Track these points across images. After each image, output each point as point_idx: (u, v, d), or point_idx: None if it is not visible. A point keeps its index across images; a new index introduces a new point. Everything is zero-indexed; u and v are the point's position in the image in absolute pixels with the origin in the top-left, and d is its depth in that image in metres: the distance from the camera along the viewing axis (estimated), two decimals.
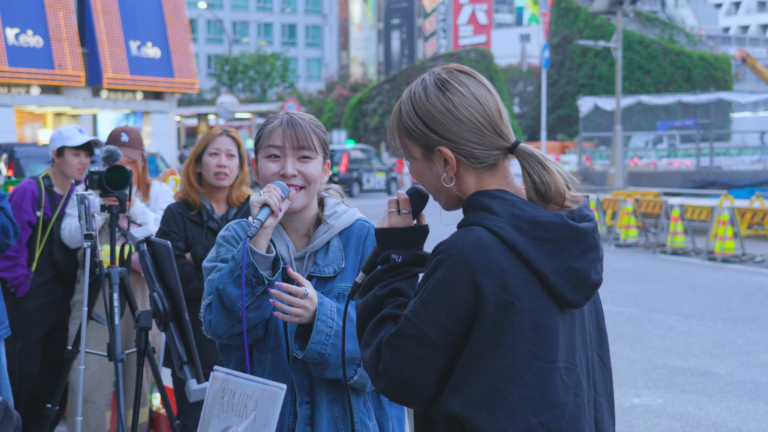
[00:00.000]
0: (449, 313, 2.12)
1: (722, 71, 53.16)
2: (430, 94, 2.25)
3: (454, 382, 2.15)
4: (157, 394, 5.93)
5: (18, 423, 4.52)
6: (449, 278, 2.12)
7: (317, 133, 3.01)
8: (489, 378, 2.13)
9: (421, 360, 2.14)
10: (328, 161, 3.08)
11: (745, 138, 36.94)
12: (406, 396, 2.19)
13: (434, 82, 2.26)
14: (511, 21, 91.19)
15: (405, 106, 2.28)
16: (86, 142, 5.67)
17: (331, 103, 64.68)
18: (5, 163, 18.52)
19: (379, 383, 2.20)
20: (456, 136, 2.22)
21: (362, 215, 3.09)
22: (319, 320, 2.82)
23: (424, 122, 2.24)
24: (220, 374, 2.62)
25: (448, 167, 2.24)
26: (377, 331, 2.22)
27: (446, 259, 2.13)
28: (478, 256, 2.12)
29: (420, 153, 2.27)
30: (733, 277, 14.68)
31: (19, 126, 32.59)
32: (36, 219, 5.74)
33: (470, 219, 2.20)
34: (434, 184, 2.29)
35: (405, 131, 2.28)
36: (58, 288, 5.83)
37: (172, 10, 34.83)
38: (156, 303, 2.92)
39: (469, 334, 2.13)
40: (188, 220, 4.97)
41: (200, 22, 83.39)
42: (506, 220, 2.16)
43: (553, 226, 2.17)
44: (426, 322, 2.13)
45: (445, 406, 2.16)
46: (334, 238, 3.00)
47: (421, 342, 2.13)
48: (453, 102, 2.23)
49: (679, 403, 7.64)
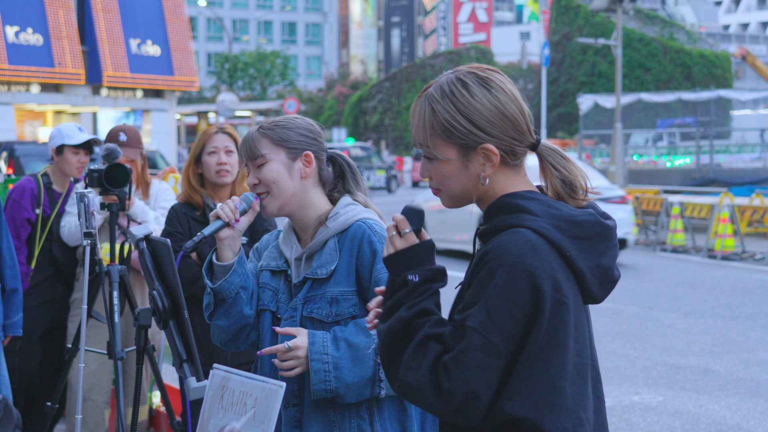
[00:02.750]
0: (511, 317, 2.12)
1: (722, 69, 53.12)
2: (475, 92, 2.23)
3: (513, 386, 2.15)
4: (157, 392, 5.93)
5: (18, 421, 4.52)
6: (509, 283, 2.11)
7: (269, 135, 3.00)
8: (548, 378, 2.15)
9: (487, 370, 2.12)
10: (306, 152, 3.01)
11: (745, 135, 36.93)
12: (470, 411, 2.15)
13: (476, 80, 2.24)
14: (511, 19, 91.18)
15: (441, 105, 2.24)
16: (86, 141, 5.67)
17: (331, 101, 64.69)
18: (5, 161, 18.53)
19: (441, 404, 2.14)
20: (502, 133, 2.23)
21: (371, 216, 3.01)
22: (312, 360, 2.83)
23: (471, 120, 2.22)
24: (220, 372, 2.62)
25: (487, 166, 2.24)
26: (423, 353, 2.16)
27: (503, 265, 2.12)
28: (533, 258, 2.13)
29: (456, 153, 2.24)
30: (733, 275, 14.68)
31: (19, 124, 32.59)
32: (35, 216, 5.74)
33: (509, 221, 2.20)
34: (466, 185, 2.26)
35: (442, 131, 2.23)
36: (58, 286, 5.83)
37: (172, 8, 34.81)
38: (155, 301, 2.92)
39: (525, 337, 2.14)
40: (193, 219, 4.96)
41: (200, 20, 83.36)
42: (546, 220, 2.19)
43: (588, 225, 2.22)
44: (491, 330, 2.11)
45: (503, 412, 2.15)
46: (330, 239, 2.96)
47: (488, 351, 2.12)
48: (499, 99, 2.24)
49: (679, 400, 7.64)
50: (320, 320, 2.91)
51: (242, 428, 2.48)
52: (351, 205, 3.02)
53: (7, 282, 4.89)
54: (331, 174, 3.11)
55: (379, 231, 2.94)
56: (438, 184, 2.29)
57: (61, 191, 5.83)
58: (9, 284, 4.90)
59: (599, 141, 37.71)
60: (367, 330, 2.82)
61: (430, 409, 2.17)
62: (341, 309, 2.91)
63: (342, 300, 2.91)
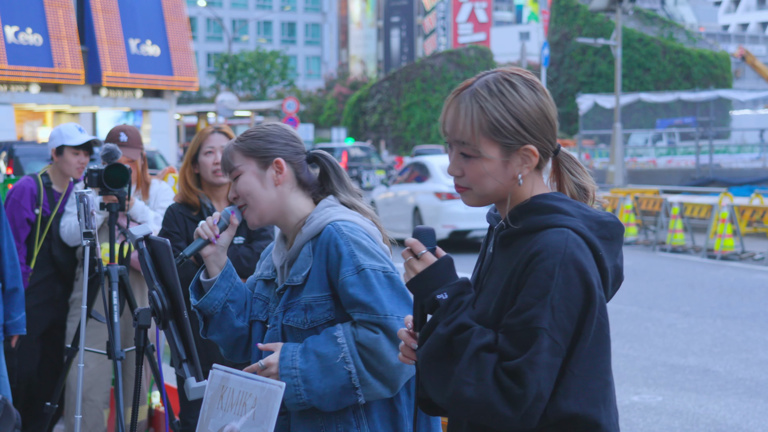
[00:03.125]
0: (569, 315, 2.15)
1: (722, 69, 53.13)
2: (523, 93, 2.25)
3: (568, 384, 2.17)
4: (156, 392, 5.93)
5: (17, 421, 4.52)
6: (565, 281, 2.14)
7: (240, 147, 3.01)
8: (600, 373, 2.21)
9: (552, 370, 2.14)
10: (276, 159, 2.98)
11: (745, 136, 36.93)
12: (535, 414, 2.14)
13: (522, 81, 2.26)
14: (510, 19, 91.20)
15: (490, 103, 2.23)
16: (86, 142, 5.67)
17: (331, 101, 64.67)
18: (5, 161, 18.53)
19: (511, 411, 2.12)
20: (543, 136, 2.26)
21: (345, 218, 2.92)
22: (282, 376, 2.83)
23: (519, 121, 2.23)
24: (219, 372, 2.62)
25: (524, 167, 2.26)
26: (479, 365, 2.13)
27: (560, 263, 2.14)
28: (581, 255, 2.17)
29: (499, 152, 2.24)
30: (733, 275, 14.68)
31: (19, 124, 32.60)
32: (35, 216, 5.74)
33: (545, 221, 2.22)
34: (502, 184, 2.27)
35: (491, 129, 2.23)
36: (57, 286, 5.83)
37: (172, 8, 34.81)
38: (155, 301, 2.92)
39: (577, 335, 2.16)
40: (189, 220, 4.96)
41: (200, 20, 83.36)
42: (581, 221, 2.23)
43: (612, 226, 2.28)
44: (555, 330, 2.13)
45: (560, 410, 2.16)
46: (306, 244, 2.93)
47: (554, 351, 2.13)
48: (543, 102, 2.27)
49: (678, 400, 7.64)
50: (297, 328, 2.89)
51: (242, 428, 2.48)
52: (328, 207, 2.97)
53: (8, 281, 4.89)
54: (313, 175, 3.07)
55: (346, 233, 2.87)
56: (470, 182, 2.28)
57: (61, 191, 5.83)
58: (10, 283, 4.90)
59: (599, 141, 37.72)
60: (337, 339, 2.81)
61: (495, 418, 2.14)
62: (316, 315, 2.87)
63: (316, 306, 2.87)
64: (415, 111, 54.82)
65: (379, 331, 2.79)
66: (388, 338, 2.78)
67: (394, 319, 2.79)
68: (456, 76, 54.31)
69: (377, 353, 2.78)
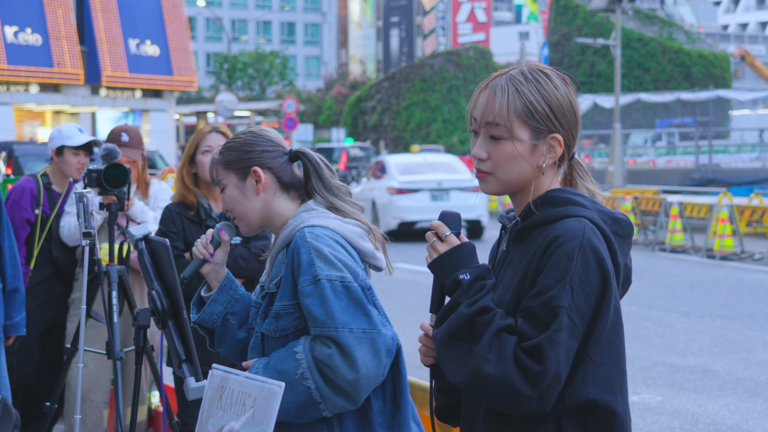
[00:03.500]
0: (587, 299, 2.18)
1: (721, 69, 53.13)
2: (558, 85, 2.32)
3: (587, 370, 2.20)
4: (156, 392, 5.93)
5: (17, 421, 4.52)
6: (585, 265, 2.17)
7: (220, 160, 3.01)
8: (618, 361, 2.25)
9: (569, 352, 2.17)
10: (253, 168, 2.96)
11: (744, 135, 36.96)
12: (551, 394, 2.16)
13: (555, 74, 2.33)
14: (510, 19, 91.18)
15: (525, 87, 2.29)
16: (86, 142, 5.66)
17: (330, 101, 64.66)
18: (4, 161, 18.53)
19: (531, 389, 2.14)
20: (570, 128, 2.33)
21: (315, 222, 2.88)
22: None
23: (551, 107, 2.29)
24: (219, 372, 2.62)
25: (549, 155, 2.30)
26: (500, 344, 2.16)
27: (578, 247, 2.18)
28: (599, 243, 2.21)
29: (529, 135, 2.29)
30: (732, 275, 14.68)
31: (18, 124, 32.59)
32: (35, 217, 5.74)
33: (563, 212, 2.26)
34: (526, 169, 2.30)
35: (525, 111, 2.28)
36: (57, 286, 5.83)
37: (171, 8, 34.81)
38: (154, 301, 2.92)
39: (594, 321, 2.20)
40: (187, 219, 4.96)
41: (199, 20, 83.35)
42: (596, 214, 2.27)
43: (624, 223, 2.33)
44: (573, 311, 2.16)
45: (579, 396, 2.19)
46: (281, 252, 2.93)
47: (572, 332, 2.16)
48: (573, 97, 2.34)
49: (678, 400, 7.64)
50: (272, 336, 2.89)
51: (241, 428, 2.49)
52: (304, 212, 2.93)
53: (9, 282, 4.89)
54: (298, 175, 3.04)
55: (309, 240, 2.82)
56: (495, 166, 2.31)
57: (61, 192, 5.82)
58: (10, 284, 4.89)
59: (598, 141, 37.75)
60: (296, 354, 2.79)
61: (513, 397, 2.15)
62: (285, 324, 2.86)
63: (285, 315, 2.86)
64: (414, 111, 54.81)
65: (332, 346, 2.75)
66: (340, 353, 2.74)
67: (345, 332, 2.74)
68: (455, 76, 54.33)
69: (332, 368, 2.75)
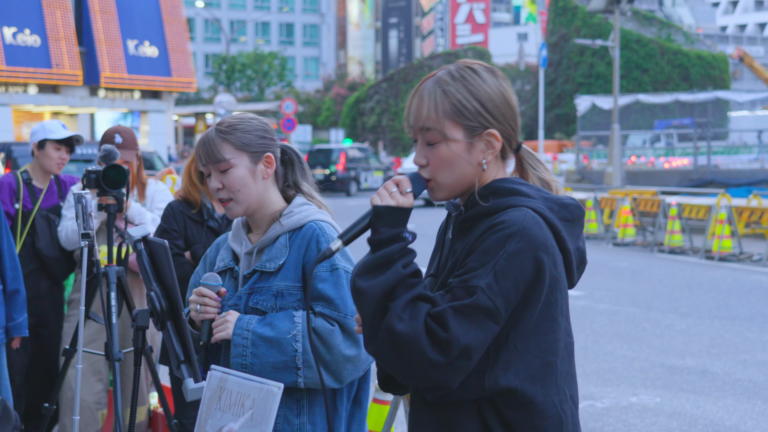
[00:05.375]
0: (515, 286, 2.16)
1: (720, 70, 53.18)
2: (487, 79, 2.30)
3: (509, 357, 2.20)
4: (154, 393, 5.93)
5: (17, 422, 4.52)
6: (518, 252, 2.16)
7: (230, 139, 2.99)
8: (542, 352, 2.23)
9: (485, 332, 2.15)
10: (267, 154, 3.02)
11: (743, 137, 36.98)
12: (458, 369, 2.15)
13: (483, 69, 2.31)
14: (508, 20, 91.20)
15: (452, 87, 2.27)
16: (68, 138, 5.65)
17: (329, 102, 64.68)
18: (3, 161, 18.48)
19: (437, 354, 2.12)
20: (505, 121, 2.30)
21: (322, 217, 3.06)
22: (235, 334, 2.92)
23: (482, 103, 2.27)
24: (218, 373, 2.62)
25: (488, 152, 2.29)
26: (415, 307, 2.15)
27: (515, 234, 2.17)
28: (538, 232, 2.19)
29: (463, 134, 2.27)
30: (731, 276, 14.68)
31: (17, 125, 32.56)
32: (14, 210, 5.71)
33: (506, 202, 2.25)
34: (466, 169, 2.29)
35: (454, 111, 2.26)
36: (42, 281, 5.78)
37: (170, 9, 34.80)
38: (153, 302, 2.92)
39: (522, 310, 2.19)
40: (189, 218, 4.96)
41: (198, 21, 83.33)
42: (541, 202, 2.26)
43: (573, 208, 2.32)
44: (497, 295, 2.15)
45: (498, 383, 2.19)
46: (282, 235, 3.02)
47: (491, 315, 2.15)
48: (505, 88, 2.32)
49: (676, 401, 7.64)
50: (264, 311, 2.97)
51: (240, 429, 2.49)
52: (305, 205, 3.08)
53: (9, 283, 4.88)
54: (281, 168, 3.15)
55: (328, 233, 3.00)
56: (434, 171, 2.29)
57: (42, 187, 5.81)
58: (11, 285, 4.88)
59: (597, 142, 37.75)
60: (294, 318, 2.90)
61: (420, 359, 2.13)
62: (286, 302, 2.96)
63: (287, 294, 2.96)
64: None
65: (335, 325, 2.89)
66: (343, 333, 2.89)
67: (353, 319, 2.88)
68: None
69: (328, 342, 2.87)
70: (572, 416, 2.30)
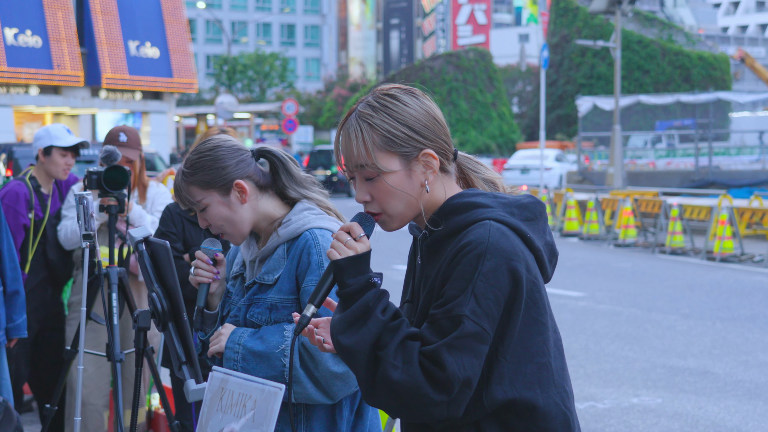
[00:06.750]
0: (496, 303, 2.18)
1: (721, 71, 53.13)
2: (408, 102, 2.29)
3: (501, 370, 2.21)
4: (155, 394, 5.93)
5: (18, 423, 4.52)
6: (492, 270, 2.17)
7: (193, 181, 2.96)
8: (533, 356, 2.23)
9: (478, 356, 2.17)
10: (236, 182, 2.95)
11: (744, 138, 36.92)
12: (462, 400, 2.17)
13: (400, 92, 2.30)
14: (509, 21, 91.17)
15: (377, 118, 2.27)
16: (75, 144, 5.64)
17: (330, 103, 64.66)
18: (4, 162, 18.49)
19: (439, 395, 2.14)
20: (437, 137, 2.30)
21: (320, 224, 2.96)
22: (227, 348, 2.92)
23: (410, 127, 2.27)
24: (219, 374, 2.62)
25: (429, 172, 2.28)
26: (405, 350, 2.16)
27: (484, 252, 2.18)
28: (506, 243, 2.20)
29: (399, 163, 2.27)
30: (732, 277, 14.68)
31: (18, 126, 32.57)
32: (30, 222, 5.70)
33: (467, 218, 2.25)
34: (412, 195, 2.28)
35: (385, 142, 2.26)
36: (48, 288, 5.82)
37: (171, 10, 34.81)
38: (154, 303, 2.92)
39: (506, 321, 2.20)
40: (187, 221, 4.95)
41: (199, 22, 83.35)
42: (501, 209, 2.26)
43: (532, 206, 2.32)
44: (482, 317, 2.16)
45: (495, 397, 2.20)
46: (280, 246, 2.98)
47: (481, 338, 2.16)
48: (427, 105, 2.31)
49: (678, 402, 7.64)
50: (259, 325, 2.95)
51: (241, 430, 2.48)
52: (306, 211, 3.00)
53: (9, 284, 4.88)
54: (267, 174, 3.05)
55: (321, 243, 2.91)
56: (380, 206, 2.30)
57: (48, 193, 5.80)
58: (11, 286, 4.88)
59: (598, 143, 37.71)
60: (284, 332, 2.87)
61: (423, 402, 2.14)
62: (280, 316, 2.92)
63: (281, 307, 2.93)
64: None
65: None
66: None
67: None
68: (455, 78, 54.31)
69: (316, 359, 2.83)
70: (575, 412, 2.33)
